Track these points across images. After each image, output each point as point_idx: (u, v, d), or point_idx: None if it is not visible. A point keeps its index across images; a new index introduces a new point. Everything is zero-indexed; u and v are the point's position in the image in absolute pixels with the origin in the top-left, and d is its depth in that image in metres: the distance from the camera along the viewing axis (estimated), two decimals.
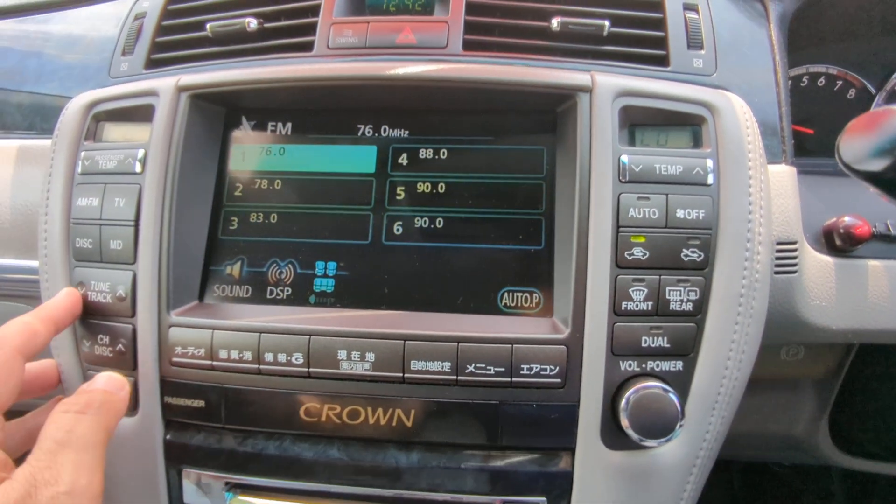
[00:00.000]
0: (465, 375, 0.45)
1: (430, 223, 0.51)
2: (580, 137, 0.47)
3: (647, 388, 0.44)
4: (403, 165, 0.52)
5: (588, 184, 0.47)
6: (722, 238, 0.47)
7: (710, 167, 0.47)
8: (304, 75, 0.50)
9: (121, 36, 0.61)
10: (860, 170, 0.36)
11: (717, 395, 0.47)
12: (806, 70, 0.73)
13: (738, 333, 0.47)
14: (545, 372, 0.45)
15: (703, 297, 0.46)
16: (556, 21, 0.52)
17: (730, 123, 0.49)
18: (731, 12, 0.57)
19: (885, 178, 0.35)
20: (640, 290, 0.46)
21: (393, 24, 0.53)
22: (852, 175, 0.38)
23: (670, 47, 0.54)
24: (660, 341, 0.46)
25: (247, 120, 0.55)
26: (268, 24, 0.56)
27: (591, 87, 0.48)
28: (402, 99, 0.52)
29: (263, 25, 0.55)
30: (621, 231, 0.46)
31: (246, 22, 0.55)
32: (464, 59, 0.52)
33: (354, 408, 0.47)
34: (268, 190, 0.53)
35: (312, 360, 0.46)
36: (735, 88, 0.54)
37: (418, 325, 0.47)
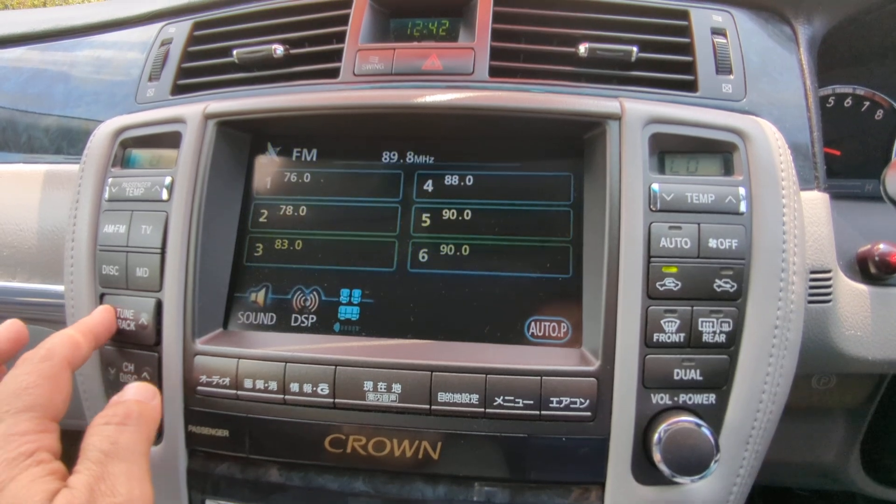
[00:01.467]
0: (493, 408, 0.45)
1: (456, 251, 0.51)
2: (609, 165, 0.47)
3: (680, 423, 0.43)
4: (429, 192, 0.52)
5: (618, 213, 0.46)
6: (756, 268, 0.46)
7: (743, 195, 0.47)
8: (330, 103, 0.50)
9: (147, 62, 0.61)
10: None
11: (751, 429, 0.46)
12: (832, 91, 0.72)
13: (772, 366, 0.46)
14: (575, 405, 0.44)
15: (736, 329, 0.45)
16: (583, 47, 0.52)
17: (762, 150, 0.48)
18: (760, 36, 0.56)
19: None
20: (672, 321, 0.45)
21: (419, 51, 0.53)
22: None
23: (698, 72, 0.53)
24: (692, 374, 0.45)
25: (272, 146, 0.55)
26: (294, 51, 0.56)
27: (621, 114, 0.48)
28: (428, 126, 0.52)
29: (290, 52, 0.56)
30: (653, 261, 0.45)
31: (273, 48, 0.55)
32: (490, 85, 0.52)
33: (380, 439, 0.46)
34: (293, 216, 0.53)
35: (338, 391, 0.46)
36: (765, 114, 0.53)
37: (445, 355, 0.46)
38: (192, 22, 0.62)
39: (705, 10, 0.56)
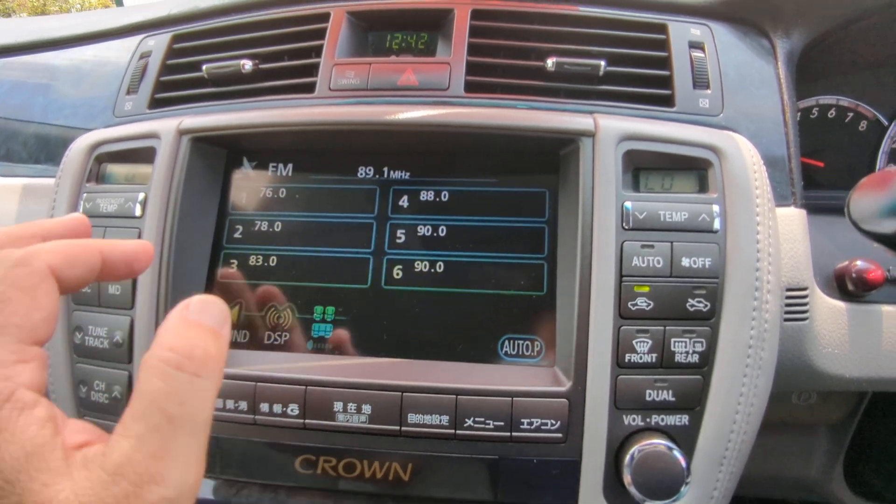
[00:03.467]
0: (463, 429, 0.44)
1: (431, 267, 0.50)
2: (583, 183, 0.47)
3: (651, 446, 0.43)
4: (404, 208, 0.52)
5: (591, 231, 0.46)
6: (729, 287, 0.45)
7: (717, 213, 0.46)
8: (304, 119, 0.50)
9: (126, 75, 0.61)
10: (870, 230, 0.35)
11: (724, 451, 0.45)
12: (816, 102, 0.72)
13: (746, 386, 0.45)
14: (546, 426, 0.44)
15: (709, 349, 0.45)
16: (550, 61, 0.51)
17: (737, 167, 0.48)
18: (738, 50, 0.56)
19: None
20: (644, 341, 0.45)
21: (395, 66, 0.53)
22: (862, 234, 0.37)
23: (675, 87, 0.53)
24: (665, 395, 0.45)
25: (248, 161, 0.54)
26: (263, 66, 0.56)
27: (594, 131, 0.47)
28: (403, 142, 0.51)
29: (259, 67, 0.55)
30: (625, 280, 0.45)
31: (241, 64, 0.54)
32: (466, 100, 0.52)
33: (351, 460, 0.46)
34: (267, 232, 0.53)
35: (308, 412, 0.45)
36: (742, 129, 0.52)
37: (416, 375, 0.46)
38: (171, 35, 0.61)
39: (683, 24, 0.56)
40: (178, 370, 0.27)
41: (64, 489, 0.23)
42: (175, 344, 0.28)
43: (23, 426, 0.24)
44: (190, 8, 0.61)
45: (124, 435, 0.25)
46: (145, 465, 0.24)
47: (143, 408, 0.26)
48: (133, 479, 0.24)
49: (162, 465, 0.25)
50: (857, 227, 0.36)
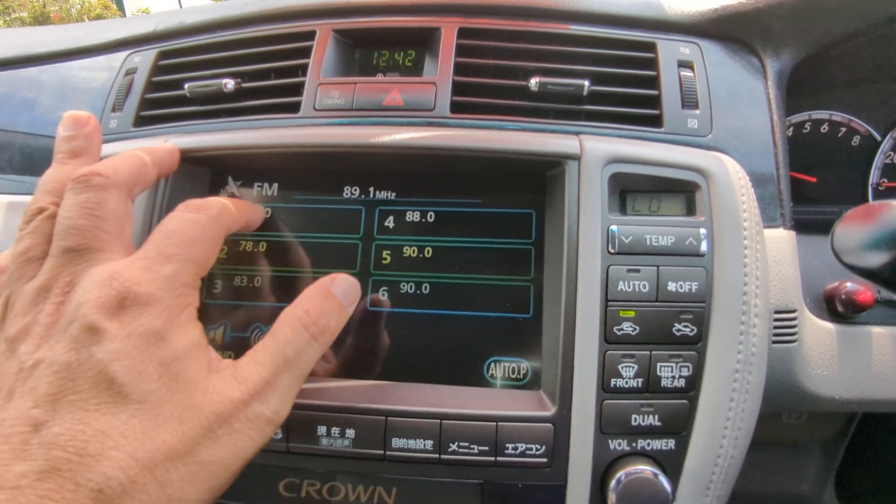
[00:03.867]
0: (448, 454, 0.44)
1: (417, 289, 0.50)
2: (568, 206, 0.46)
3: (636, 472, 0.42)
4: (390, 229, 0.51)
5: (576, 254, 0.45)
6: (716, 311, 0.45)
7: (704, 235, 0.46)
8: (290, 141, 0.50)
9: (111, 92, 0.61)
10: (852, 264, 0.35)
11: (711, 474, 0.45)
12: (809, 117, 0.72)
13: (733, 409, 0.45)
14: (531, 451, 0.44)
15: (696, 373, 0.45)
16: (534, 81, 0.51)
17: (724, 190, 0.47)
18: (728, 69, 0.56)
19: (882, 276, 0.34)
20: (629, 366, 0.44)
21: (380, 86, 0.53)
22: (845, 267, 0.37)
23: (664, 107, 0.53)
24: (651, 419, 0.44)
25: (233, 180, 0.54)
26: (247, 84, 0.55)
27: (580, 154, 0.47)
28: (389, 163, 0.51)
29: (241, 86, 0.55)
30: (610, 305, 0.45)
31: (223, 83, 0.54)
32: (451, 121, 0.51)
33: (335, 484, 0.45)
34: (252, 252, 0.52)
35: (292, 435, 0.45)
36: (731, 149, 0.52)
37: (401, 398, 0.46)
38: (157, 51, 0.61)
39: (672, 42, 0.56)
40: (304, 329, 0.37)
41: (206, 378, 0.32)
42: (310, 308, 0.38)
43: (191, 329, 0.34)
44: (176, 24, 0.61)
45: (253, 359, 0.35)
46: (260, 385, 0.33)
47: (272, 345, 0.36)
48: (249, 389, 0.33)
49: (270, 390, 0.34)
50: (839, 259, 0.36)
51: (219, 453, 0.31)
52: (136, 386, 0.29)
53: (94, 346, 0.30)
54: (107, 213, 0.35)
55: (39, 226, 0.36)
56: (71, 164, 0.40)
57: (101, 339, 0.30)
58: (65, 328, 0.31)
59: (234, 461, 0.32)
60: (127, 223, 0.37)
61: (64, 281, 0.33)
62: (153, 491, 0.28)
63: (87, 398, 0.28)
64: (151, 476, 0.28)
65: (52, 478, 0.26)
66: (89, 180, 0.35)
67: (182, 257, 0.35)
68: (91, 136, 0.43)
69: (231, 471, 0.32)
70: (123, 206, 0.37)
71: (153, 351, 0.31)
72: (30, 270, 0.34)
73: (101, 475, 0.26)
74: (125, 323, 0.31)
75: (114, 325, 0.30)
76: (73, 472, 0.26)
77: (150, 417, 0.29)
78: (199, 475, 0.30)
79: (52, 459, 0.26)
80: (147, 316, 0.31)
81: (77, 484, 0.26)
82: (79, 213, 0.34)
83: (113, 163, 0.38)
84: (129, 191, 0.38)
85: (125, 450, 0.28)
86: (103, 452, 0.27)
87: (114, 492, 0.26)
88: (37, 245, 0.35)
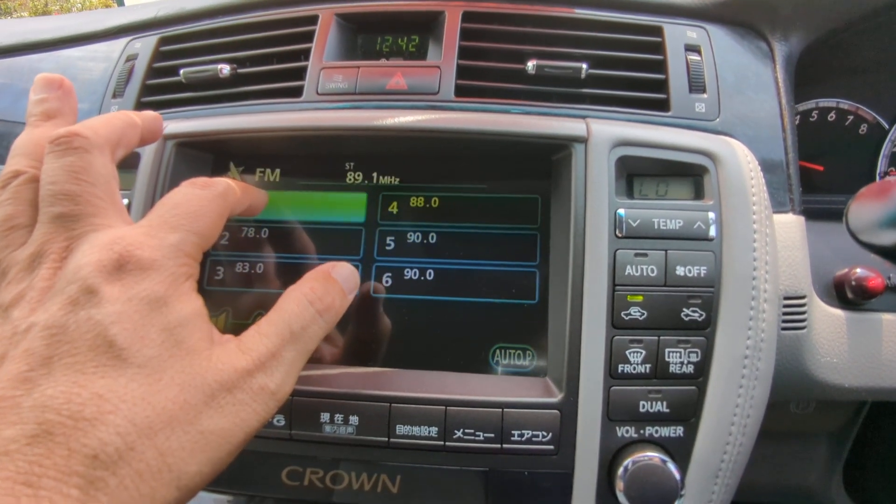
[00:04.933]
0: (453, 441, 0.43)
1: (421, 275, 0.49)
2: (574, 190, 0.46)
3: (645, 459, 0.42)
4: (394, 214, 0.51)
5: (583, 239, 0.45)
6: (725, 296, 0.44)
7: (713, 220, 0.45)
8: (292, 125, 0.49)
9: (112, 78, 0.60)
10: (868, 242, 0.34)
11: (720, 462, 0.44)
12: (815, 105, 0.71)
13: (742, 397, 0.44)
14: (537, 438, 0.43)
15: (704, 359, 0.44)
16: (540, 64, 0.50)
17: (733, 173, 0.46)
18: (735, 53, 0.55)
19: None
20: (637, 352, 0.44)
21: (383, 70, 0.52)
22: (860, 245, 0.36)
23: (671, 91, 0.52)
24: (659, 406, 0.44)
25: (235, 166, 0.53)
26: (249, 69, 0.55)
27: (587, 136, 0.46)
28: (392, 147, 0.50)
29: (237, 71, 0.54)
30: (617, 290, 0.44)
31: (219, 69, 0.54)
32: (455, 105, 0.51)
33: (338, 472, 0.45)
34: (255, 239, 0.52)
35: (295, 422, 0.44)
36: (739, 134, 0.51)
37: (405, 385, 0.45)
38: (157, 37, 0.60)
39: (679, 26, 0.55)
40: (310, 304, 0.37)
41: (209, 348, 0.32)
42: (315, 287, 0.38)
43: (194, 299, 0.33)
44: (177, 10, 0.60)
45: (258, 332, 0.34)
46: (266, 356, 0.33)
47: (277, 319, 0.35)
48: (254, 360, 0.32)
49: (275, 362, 0.33)
50: (854, 237, 0.35)
51: (220, 423, 0.30)
52: (136, 350, 0.28)
53: (92, 308, 0.28)
54: (95, 177, 0.34)
55: (19, 190, 0.34)
56: (45, 126, 0.38)
57: (100, 301, 0.29)
58: (62, 290, 0.29)
59: (236, 433, 0.31)
60: (115, 186, 0.36)
61: (60, 246, 0.31)
62: (152, 459, 0.27)
63: (84, 360, 0.27)
64: (151, 443, 0.27)
65: (43, 442, 0.24)
66: (70, 142, 0.34)
67: (186, 228, 0.34)
68: (64, 98, 0.40)
69: (233, 443, 0.31)
70: (109, 167, 0.36)
71: (155, 316, 0.30)
72: (18, 238, 0.33)
73: (96, 440, 0.25)
74: (126, 286, 0.30)
75: (115, 288, 0.29)
76: (66, 436, 0.25)
77: (151, 382, 0.28)
78: (199, 445, 0.29)
79: (44, 423, 0.25)
80: (149, 281, 0.31)
81: (70, 449, 0.25)
82: (65, 177, 0.33)
83: (91, 123, 0.36)
84: (112, 152, 0.37)
85: (123, 414, 0.26)
86: (100, 417, 0.26)
87: (109, 458, 0.25)
88: (21, 212, 0.33)
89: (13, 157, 0.36)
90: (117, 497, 0.25)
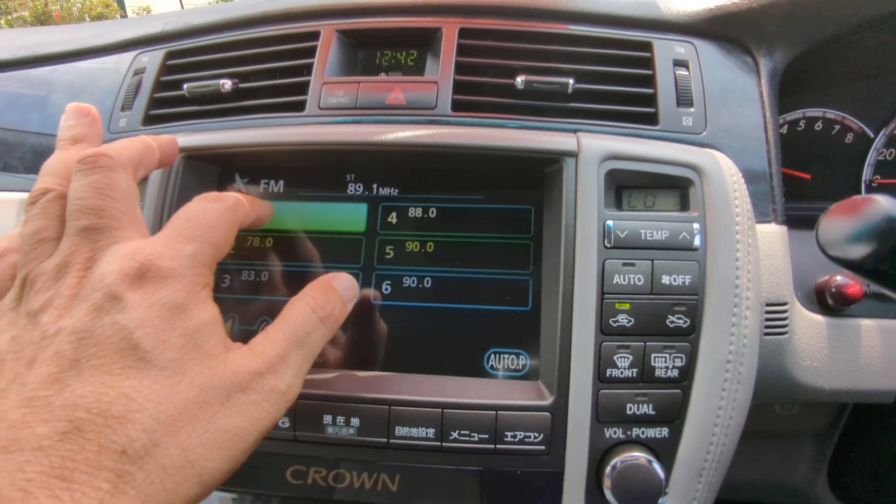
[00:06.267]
0: (449, 442, 0.45)
1: (419, 283, 0.51)
2: (566, 201, 0.48)
3: (631, 459, 0.44)
4: (393, 224, 0.53)
5: (573, 249, 0.47)
6: (709, 304, 0.46)
7: (697, 230, 0.47)
8: (296, 139, 0.51)
9: (121, 91, 0.62)
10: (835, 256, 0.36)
11: (703, 462, 0.47)
12: (803, 114, 0.73)
13: (725, 399, 0.46)
14: (529, 439, 0.45)
15: (689, 364, 0.46)
16: (520, 79, 0.52)
17: (717, 185, 0.49)
18: (722, 68, 0.57)
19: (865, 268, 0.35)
20: (624, 357, 0.46)
21: (383, 85, 0.54)
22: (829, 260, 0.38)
23: (660, 105, 0.54)
24: (645, 408, 0.46)
25: (240, 177, 0.55)
26: (252, 84, 0.57)
27: (577, 151, 0.49)
28: (392, 160, 0.52)
29: (238, 86, 0.57)
30: (606, 298, 0.46)
31: (221, 84, 0.56)
32: (452, 119, 0.53)
33: (340, 471, 0.47)
34: (260, 248, 0.54)
35: (298, 424, 0.47)
36: (725, 146, 0.54)
37: (403, 388, 0.47)
38: (164, 51, 0.63)
39: (668, 42, 0.57)
40: (312, 312, 0.39)
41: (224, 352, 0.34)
42: (317, 296, 0.41)
43: (211, 306, 0.35)
44: (183, 25, 0.62)
45: (267, 337, 0.37)
46: (275, 359, 0.35)
47: (284, 326, 0.38)
48: (265, 362, 0.35)
49: (284, 365, 0.36)
50: (824, 252, 0.38)
51: (237, 422, 0.32)
52: (159, 353, 0.30)
53: (117, 313, 0.30)
54: (118, 194, 0.36)
55: (48, 206, 0.36)
56: (72, 149, 0.41)
57: (124, 306, 0.30)
58: (87, 296, 0.31)
59: (251, 430, 0.33)
60: (136, 203, 0.38)
61: (85, 257, 0.33)
62: (176, 455, 0.28)
63: (110, 363, 0.29)
64: (174, 440, 0.29)
65: (74, 438, 0.26)
66: (97, 161, 0.36)
67: (201, 239, 0.36)
68: (92, 124, 0.44)
69: (248, 440, 0.33)
70: (131, 185, 0.38)
71: (175, 321, 0.32)
72: (45, 250, 0.35)
73: (124, 436, 0.27)
74: (148, 293, 0.32)
75: (137, 295, 0.31)
76: (96, 433, 0.26)
77: (173, 383, 0.30)
78: (219, 442, 0.31)
79: (75, 420, 0.26)
80: (169, 289, 0.32)
81: (100, 445, 0.26)
82: (91, 193, 0.35)
83: (116, 145, 0.39)
84: (134, 172, 0.39)
85: (149, 412, 0.28)
86: (127, 414, 0.27)
87: (136, 453, 0.27)
88: (49, 226, 0.36)
89: (43, 176, 0.39)
90: (144, 490, 0.27)
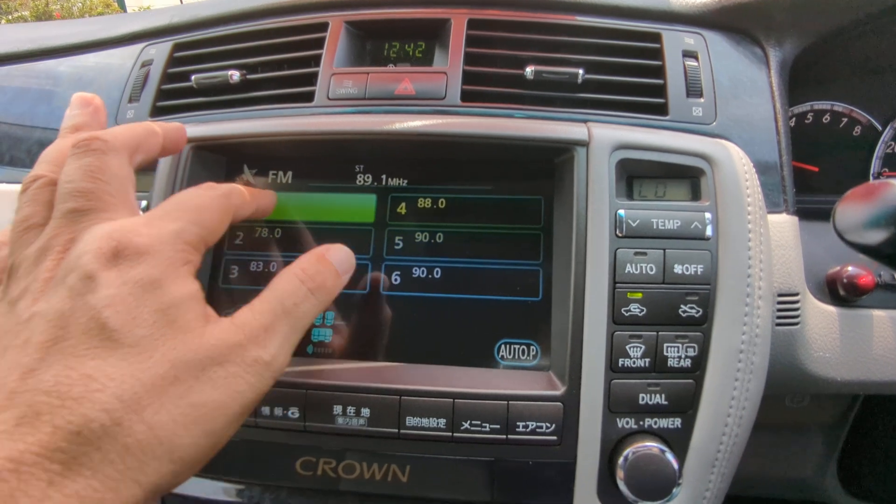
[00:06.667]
0: (460, 432, 0.45)
1: (429, 273, 0.51)
2: (577, 191, 0.47)
3: (644, 449, 0.44)
4: (402, 215, 0.53)
5: (584, 238, 0.47)
6: (721, 293, 0.46)
7: (709, 220, 0.47)
8: (303, 129, 0.51)
9: (128, 83, 0.62)
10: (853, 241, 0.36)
11: (716, 453, 0.46)
12: (811, 107, 0.73)
13: (737, 389, 0.46)
14: (541, 429, 0.45)
15: (701, 354, 0.46)
16: (541, 70, 0.52)
17: (728, 175, 0.48)
18: (731, 59, 0.57)
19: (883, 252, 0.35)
20: (637, 346, 0.45)
21: (392, 76, 0.54)
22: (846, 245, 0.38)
23: (669, 95, 0.54)
24: (657, 398, 0.46)
25: (248, 168, 0.55)
26: (262, 74, 0.57)
27: (588, 140, 0.48)
28: (401, 150, 0.52)
29: (246, 77, 0.56)
30: (618, 287, 0.46)
31: (229, 75, 0.56)
32: (462, 109, 0.53)
33: (350, 462, 0.47)
34: (268, 238, 0.54)
35: (308, 415, 0.46)
36: (735, 137, 0.53)
37: (414, 378, 0.47)
38: (172, 43, 0.62)
39: (678, 33, 0.57)
40: (301, 283, 0.38)
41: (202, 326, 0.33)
42: (306, 267, 0.40)
43: (190, 282, 0.34)
44: (191, 17, 0.62)
45: (251, 309, 0.36)
46: (258, 330, 0.34)
47: (269, 297, 0.37)
48: (247, 334, 0.33)
49: (268, 336, 0.34)
50: (841, 237, 0.37)
51: (213, 395, 0.31)
52: (127, 331, 0.29)
53: (89, 293, 0.29)
54: (109, 176, 0.35)
55: (37, 193, 0.36)
56: (71, 137, 0.40)
57: (96, 286, 0.30)
58: (62, 279, 0.30)
59: (231, 405, 0.32)
60: (130, 187, 0.37)
61: (65, 239, 0.33)
62: (140, 433, 0.28)
63: (76, 344, 0.28)
64: (138, 417, 0.28)
65: (30, 422, 0.26)
66: (89, 144, 0.35)
67: (187, 219, 0.36)
68: (94, 113, 0.43)
69: (228, 415, 0.31)
70: (126, 169, 0.37)
71: (148, 298, 0.31)
72: (31, 237, 0.34)
73: (81, 417, 0.26)
74: (122, 271, 0.31)
75: (111, 274, 0.30)
76: (52, 415, 0.26)
77: (141, 360, 0.29)
78: (192, 417, 0.30)
79: (34, 405, 0.26)
80: (144, 265, 0.32)
81: (55, 426, 0.26)
82: (81, 175, 0.34)
83: (112, 129, 0.38)
84: (130, 156, 0.38)
85: (111, 391, 0.27)
86: (86, 395, 0.27)
87: (94, 434, 0.26)
88: (37, 212, 0.35)
89: (38, 164, 0.38)
90: (101, 470, 0.26)
